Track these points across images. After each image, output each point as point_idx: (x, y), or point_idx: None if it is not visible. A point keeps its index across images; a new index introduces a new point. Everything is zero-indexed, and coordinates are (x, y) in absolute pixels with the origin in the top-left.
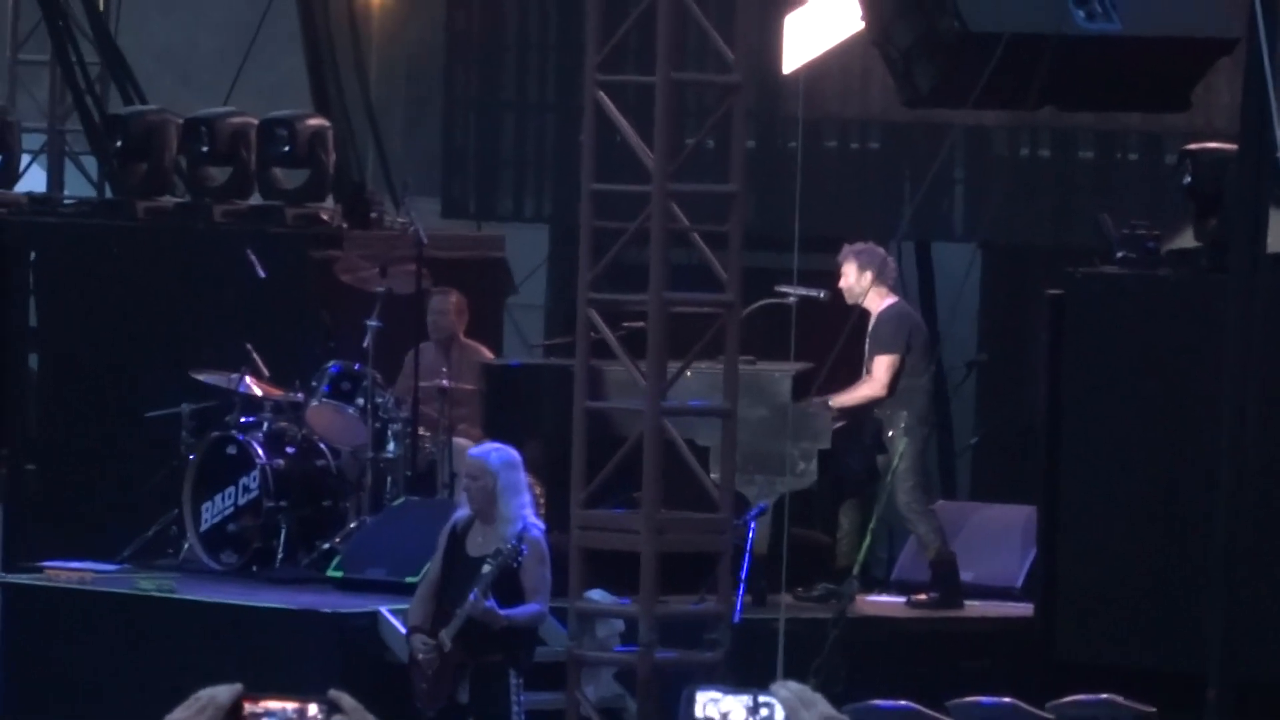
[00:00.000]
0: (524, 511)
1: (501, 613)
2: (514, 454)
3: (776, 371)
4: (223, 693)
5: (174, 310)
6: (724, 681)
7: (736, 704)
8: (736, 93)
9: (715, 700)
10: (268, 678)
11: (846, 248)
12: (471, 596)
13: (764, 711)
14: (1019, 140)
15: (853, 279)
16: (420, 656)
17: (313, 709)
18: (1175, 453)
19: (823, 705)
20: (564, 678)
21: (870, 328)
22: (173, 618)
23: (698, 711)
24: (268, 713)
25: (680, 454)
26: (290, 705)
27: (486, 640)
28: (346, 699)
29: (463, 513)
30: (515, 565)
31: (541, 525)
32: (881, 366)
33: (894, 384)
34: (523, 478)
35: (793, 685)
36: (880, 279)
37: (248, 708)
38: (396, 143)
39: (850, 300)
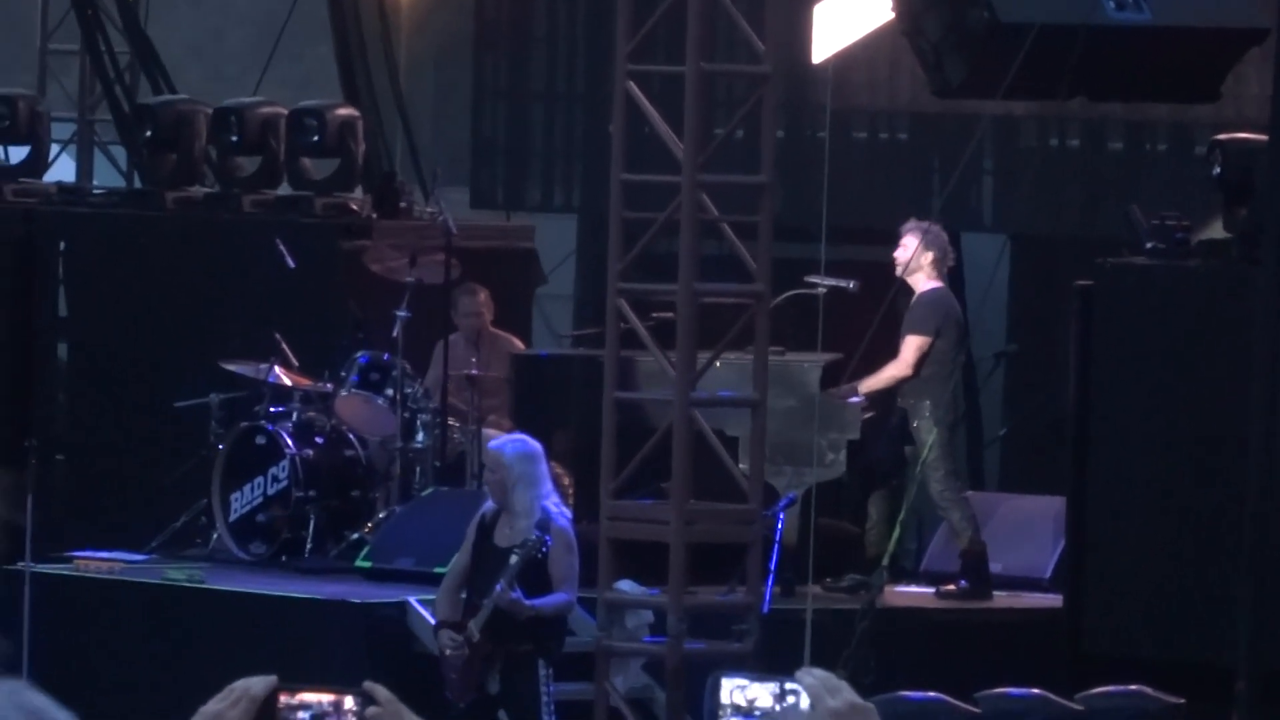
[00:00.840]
0: (542, 503)
1: (528, 603)
2: (531, 445)
3: (805, 362)
4: (257, 684)
5: (203, 300)
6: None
7: (763, 691)
8: (766, 83)
9: (741, 687)
10: (296, 668)
11: (914, 222)
12: (498, 587)
13: (790, 699)
14: (1048, 131)
15: (911, 252)
16: (448, 651)
17: (348, 701)
18: (1204, 444)
19: (848, 692)
20: (593, 668)
21: (909, 309)
22: (201, 608)
23: (724, 698)
24: (303, 705)
25: (709, 444)
26: (326, 698)
27: (514, 631)
28: (381, 691)
29: (491, 504)
30: (540, 556)
31: (568, 514)
32: (910, 347)
33: (919, 365)
34: (541, 469)
35: (817, 672)
36: (938, 263)
37: (283, 700)
38: (425, 133)
39: (899, 271)
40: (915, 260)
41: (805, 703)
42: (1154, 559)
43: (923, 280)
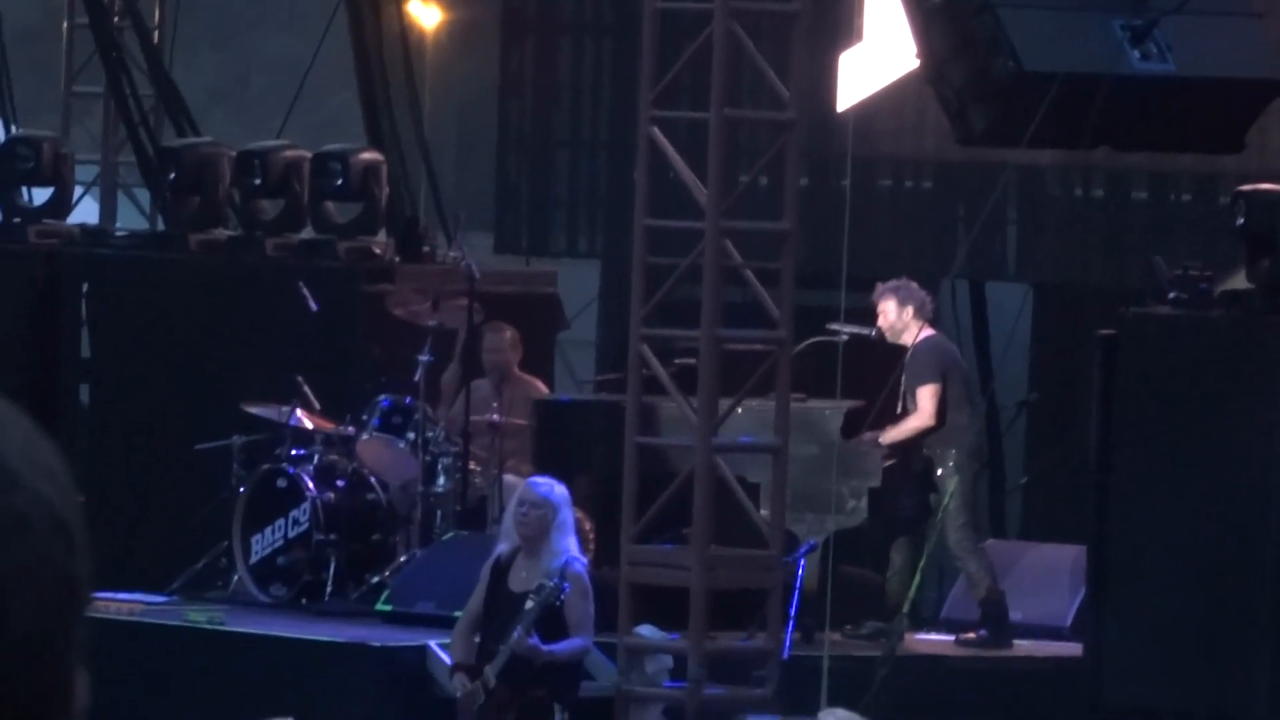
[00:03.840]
0: (573, 548)
1: (545, 649)
2: (568, 493)
3: (827, 409)
4: None
5: (225, 343)
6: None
7: None
8: (790, 130)
9: None
10: (316, 710)
11: (880, 286)
12: (515, 634)
13: None
14: (1072, 180)
15: (894, 316)
16: (458, 695)
17: None
18: (1226, 495)
19: None
20: (613, 713)
21: (906, 360)
22: (222, 650)
23: None
24: None
25: (731, 490)
26: None
27: (530, 676)
28: None
29: (504, 546)
30: (558, 604)
31: (584, 560)
32: (925, 397)
33: (942, 413)
34: (574, 517)
35: (840, 712)
36: (920, 313)
37: None
38: (449, 178)
39: (893, 338)
40: (900, 320)
41: None
42: (1174, 609)
43: (915, 332)
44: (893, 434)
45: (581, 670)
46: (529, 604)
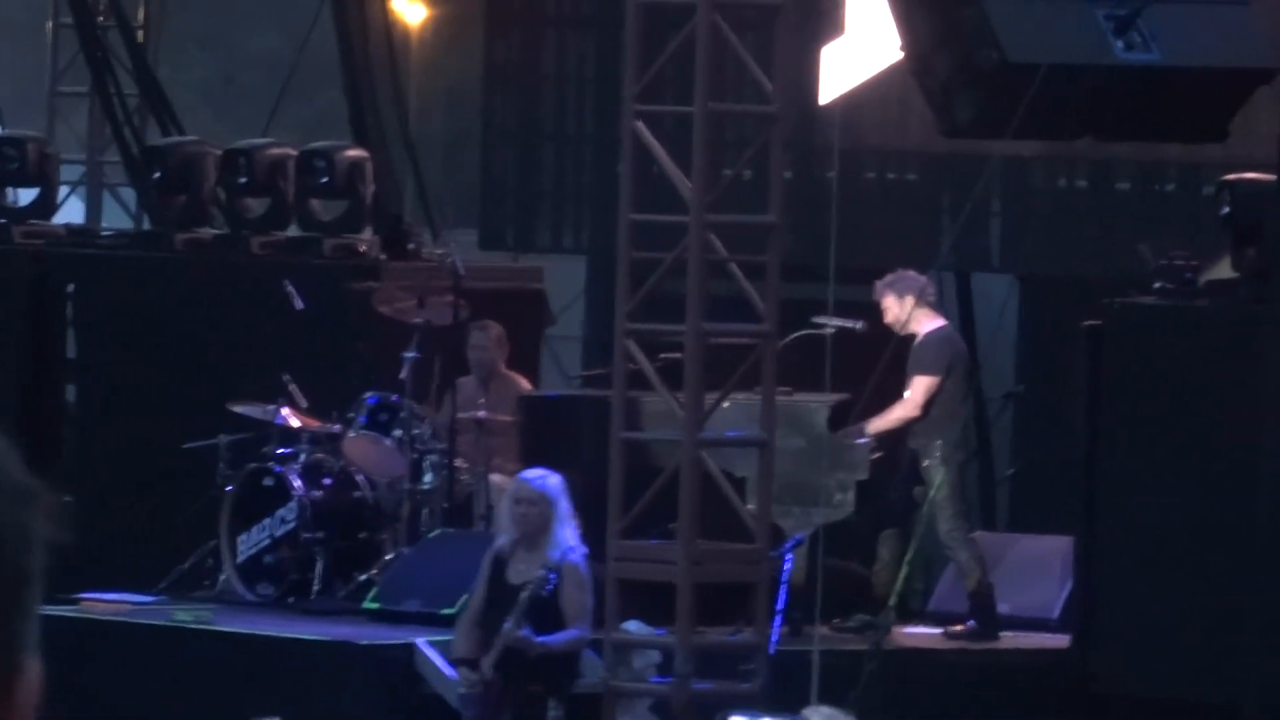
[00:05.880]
0: (572, 538)
1: (537, 640)
2: (562, 481)
3: (813, 402)
4: None
5: (211, 341)
6: (755, 710)
7: None
8: (775, 123)
9: None
10: (304, 709)
11: (878, 283)
12: (506, 625)
13: None
14: (1057, 171)
15: (896, 309)
16: (461, 690)
17: None
18: (1213, 484)
19: None
20: (600, 709)
21: (913, 348)
22: (209, 649)
23: None
24: None
25: (717, 485)
26: None
27: (525, 668)
28: None
29: (503, 540)
30: (544, 594)
31: (584, 550)
32: (918, 387)
33: (928, 406)
34: (570, 504)
35: (824, 709)
36: (921, 300)
37: None
38: (435, 174)
39: (901, 332)
40: (903, 312)
41: None
42: (1162, 598)
43: (923, 322)
44: (878, 424)
45: (577, 663)
46: (524, 594)
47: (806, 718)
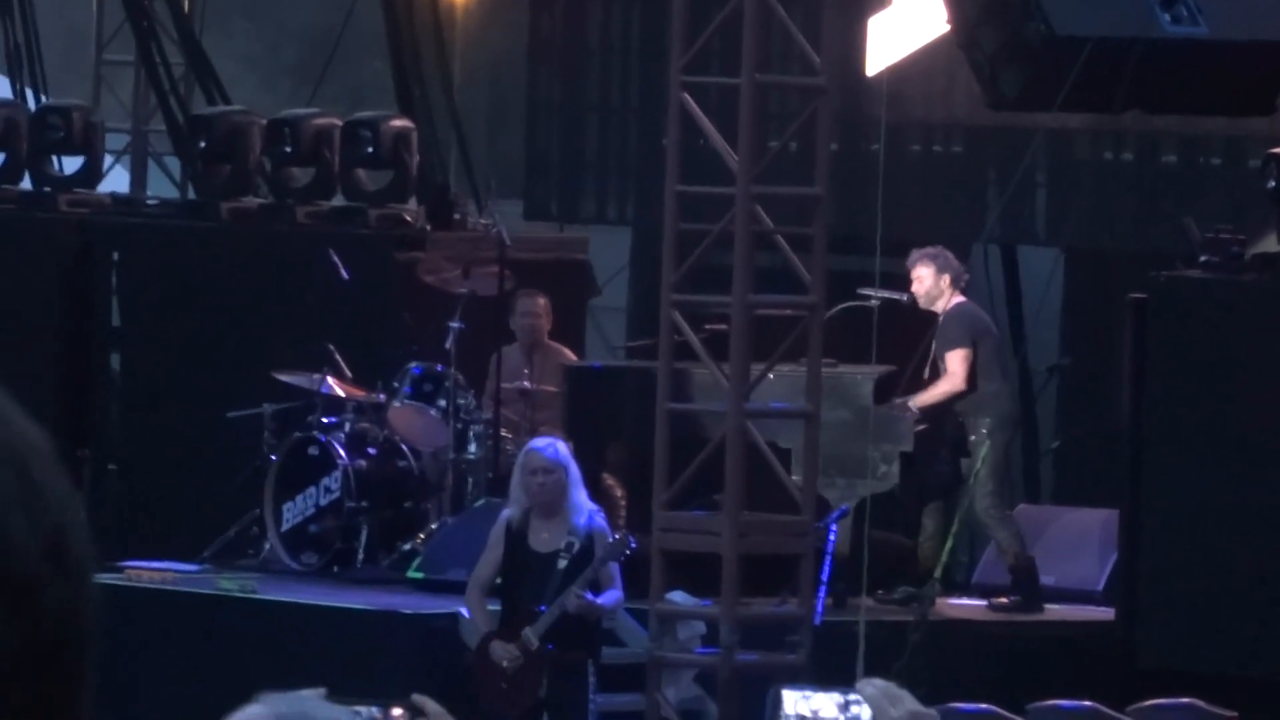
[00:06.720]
0: (587, 501)
1: (598, 603)
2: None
3: (859, 374)
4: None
5: (256, 311)
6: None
7: (827, 701)
8: (821, 95)
9: (805, 698)
10: (347, 678)
11: (916, 252)
12: (575, 592)
13: (854, 709)
14: (1102, 144)
15: (930, 282)
16: (505, 664)
17: (397, 711)
18: (1258, 457)
19: (909, 701)
20: (644, 679)
21: (939, 326)
22: (253, 618)
23: (788, 709)
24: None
25: (762, 456)
26: (375, 710)
27: (574, 636)
28: (431, 703)
29: (511, 511)
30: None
31: (600, 510)
32: (956, 361)
33: (972, 378)
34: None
35: (878, 682)
36: (955, 282)
37: None
38: (480, 145)
39: (927, 304)
40: (936, 287)
41: (867, 715)
42: (1207, 572)
43: (948, 299)
44: (924, 398)
45: (602, 628)
46: (597, 557)
47: (859, 690)
